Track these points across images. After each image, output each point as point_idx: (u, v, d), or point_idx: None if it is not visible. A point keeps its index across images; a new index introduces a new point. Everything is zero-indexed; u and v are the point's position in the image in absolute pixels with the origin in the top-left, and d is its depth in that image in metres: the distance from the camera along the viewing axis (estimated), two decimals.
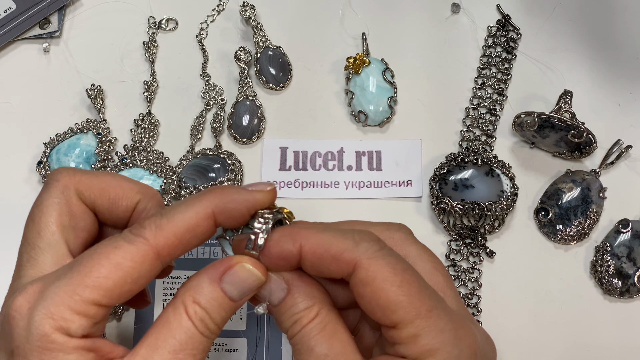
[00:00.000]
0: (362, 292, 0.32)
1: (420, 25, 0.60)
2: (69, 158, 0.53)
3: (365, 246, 0.33)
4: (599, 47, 0.59)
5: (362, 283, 0.32)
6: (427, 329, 0.32)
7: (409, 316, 0.32)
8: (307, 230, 0.34)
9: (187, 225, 0.32)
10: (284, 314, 0.33)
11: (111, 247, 0.32)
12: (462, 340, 0.33)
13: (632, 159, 0.54)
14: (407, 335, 0.32)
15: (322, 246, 0.33)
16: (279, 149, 0.55)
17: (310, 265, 0.33)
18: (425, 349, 0.32)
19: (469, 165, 0.53)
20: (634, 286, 0.50)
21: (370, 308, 0.33)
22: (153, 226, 0.32)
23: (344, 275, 0.33)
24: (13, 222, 0.53)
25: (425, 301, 0.32)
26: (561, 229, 0.51)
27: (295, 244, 0.33)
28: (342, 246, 0.33)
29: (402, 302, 0.32)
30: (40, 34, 0.58)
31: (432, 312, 0.32)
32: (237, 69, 0.57)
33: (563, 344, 0.49)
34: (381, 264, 0.33)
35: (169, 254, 0.32)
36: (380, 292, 0.32)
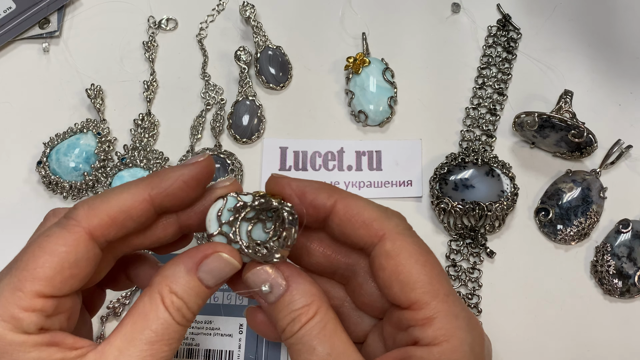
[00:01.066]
0: (385, 264, 0.33)
1: (420, 25, 0.60)
2: (69, 158, 0.53)
3: (396, 221, 0.34)
4: (599, 47, 0.59)
5: (386, 255, 0.33)
6: (444, 313, 0.32)
7: (427, 297, 0.32)
8: (344, 192, 0.34)
9: (121, 206, 0.32)
10: (282, 311, 0.33)
11: (44, 236, 0.31)
12: (474, 328, 0.33)
13: (632, 159, 0.54)
14: (422, 317, 0.32)
15: (355, 209, 0.33)
16: (279, 149, 0.55)
17: (338, 225, 0.34)
18: (440, 333, 0.32)
19: (469, 165, 0.53)
20: (634, 286, 0.49)
21: (389, 282, 0.33)
22: (86, 207, 0.32)
23: (367, 243, 0.33)
24: (13, 222, 0.53)
25: (444, 285, 0.33)
26: (561, 229, 0.51)
27: (331, 199, 0.34)
28: (375, 215, 0.33)
29: (422, 281, 0.32)
30: (40, 33, 0.58)
31: (448, 297, 0.33)
32: (237, 68, 0.57)
33: (563, 344, 0.49)
34: (408, 241, 0.33)
35: (102, 234, 0.32)
36: (403, 267, 0.32)
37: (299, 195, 0.34)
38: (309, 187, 0.34)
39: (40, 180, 0.53)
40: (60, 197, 0.53)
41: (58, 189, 0.53)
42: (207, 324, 0.48)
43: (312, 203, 0.34)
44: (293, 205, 0.34)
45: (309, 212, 0.34)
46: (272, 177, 0.35)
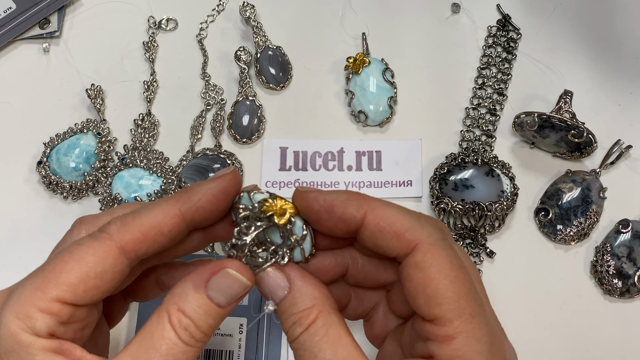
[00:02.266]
0: (413, 276, 0.32)
1: (420, 25, 0.60)
2: (69, 158, 0.53)
3: (430, 231, 0.32)
4: (599, 47, 0.59)
5: (416, 266, 0.32)
6: (465, 334, 0.31)
7: (451, 314, 0.31)
8: (374, 201, 0.33)
9: (152, 222, 0.32)
10: (284, 313, 0.33)
11: (76, 244, 0.31)
12: (494, 356, 0.32)
13: (632, 159, 0.54)
14: (443, 334, 0.31)
15: (387, 219, 0.32)
16: (279, 149, 0.55)
17: (369, 236, 0.33)
18: (457, 354, 0.31)
19: (469, 165, 0.53)
20: (634, 286, 0.49)
21: (415, 294, 0.32)
22: (118, 222, 0.32)
23: (399, 254, 0.32)
24: (13, 222, 0.53)
25: (471, 305, 0.32)
26: (561, 229, 0.51)
27: (360, 211, 0.32)
28: (407, 225, 0.32)
29: (449, 298, 0.31)
30: (40, 34, 0.58)
31: (474, 318, 0.31)
32: (237, 69, 0.57)
33: (563, 344, 0.49)
34: (441, 254, 0.32)
35: (134, 249, 0.32)
36: (431, 281, 0.31)
37: (327, 211, 0.33)
38: (337, 200, 0.33)
39: (41, 180, 0.53)
40: (60, 197, 0.53)
41: (58, 189, 0.53)
42: None
43: (342, 217, 0.33)
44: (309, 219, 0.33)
45: (339, 226, 0.33)
46: (296, 192, 0.34)
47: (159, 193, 0.50)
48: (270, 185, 0.53)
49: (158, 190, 0.50)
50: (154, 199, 0.50)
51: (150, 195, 0.50)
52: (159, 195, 0.50)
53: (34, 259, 0.51)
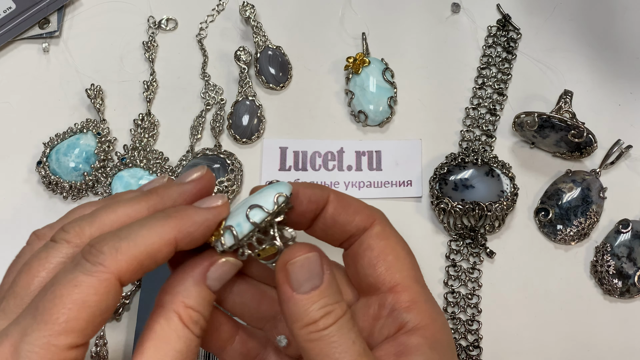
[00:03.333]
0: (374, 245, 0.35)
1: (420, 25, 0.60)
2: (69, 158, 0.53)
3: (381, 214, 0.36)
4: (599, 47, 0.59)
5: (377, 236, 0.35)
6: (425, 298, 0.34)
7: (410, 280, 0.34)
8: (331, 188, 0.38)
9: (149, 250, 0.31)
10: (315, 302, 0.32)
11: (71, 285, 0.29)
12: (443, 315, 0.36)
13: (632, 159, 0.54)
14: (407, 299, 0.34)
15: (347, 199, 0.36)
16: (278, 149, 0.55)
17: (332, 214, 0.35)
18: (426, 315, 0.34)
19: (469, 165, 0.53)
20: (634, 286, 0.49)
21: (375, 262, 0.35)
22: (113, 251, 0.30)
23: (360, 228, 0.35)
24: (13, 222, 0.53)
25: (420, 275, 0.36)
26: (561, 229, 0.51)
27: (325, 192, 0.36)
28: (363, 205, 0.36)
29: (407, 266, 0.35)
30: (40, 33, 0.58)
31: (424, 287, 0.35)
32: (237, 68, 0.57)
33: (563, 344, 0.49)
34: (394, 231, 0.36)
35: (129, 279, 0.30)
36: (392, 249, 0.35)
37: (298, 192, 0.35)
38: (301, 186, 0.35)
39: (40, 180, 0.53)
40: (60, 197, 0.53)
41: (58, 189, 0.53)
42: None
43: (310, 198, 0.35)
44: None
45: (309, 207, 0.35)
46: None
47: None
48: None
49: None
50: None
51: None
52: None
53: None
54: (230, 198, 0.52)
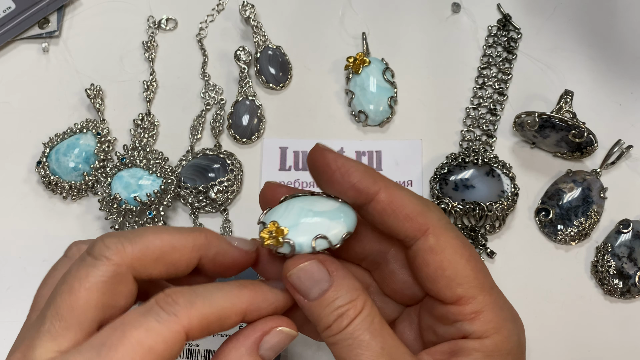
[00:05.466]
0: (429, 260, 0.32)
1: (420, 25, 0.60)
2: (68, 158, 0.53)
3: (439, 215, 0.33)
4: (599, 47, 0.58)
5: (431, 250, 0.32)
6: (491, 306, 0.32)
7: (474, 291, 0.32)
8: (389, 181, 0.33)
9: (220, 313, 0.31)
10: (326, 307, 0.32)
11: (143, 329, 0.29)
12: (518, 319, 0.34)
13: (632, 159, 0.54)
14: (470, 311, 0.32)
15: (400, 200, 0.32)
16: (278, 149, 0.55)
17: (379, 213, 0.33)
18: (490, 326, 0.32)
19: (470, 165, 0.52)
20: (634, 286, 0.49)
21: (434, 278, 0.33)
22: (188, 305, 0.30)
23: (409, 237, 0.33)
24: (12, 222, 0.53)
25: (487, 278, 0.33)
26: (562, 229, 0.51)
27: (375, 185, 0.32)
28: (418, 208, 0.33)
29: (468, 276, 0.32)
30: (40, 33, 0.58)
31: (493, 289, 0.33)
32: (237, 68, 0.57)
33: (563, 344, 0.49)
34: (451, 236, 0.33)
35: (194, 336, 0.30)
36: (449, 264, 0.32)
37: (342, 174, 0.33)
38: (354, 168, 0.32)
39: (40, 180, 0.53)
40: (59, 197, 0.53)
41: (58, 189, 0.53)
42: None
43: (356, 185, 0.32)
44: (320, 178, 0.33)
45: (349, 193, 0.33)
46: (317, 148, 0.33)
47: (158, 193, 0.50)
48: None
49: (158, 190, 0.50)
50: (154, 199, 0.50)
51: (149, 195, 0.50)
52: (159, 195, 0.50)
53: (33, 259, 0.51)
54: (230, 198, 0.52)
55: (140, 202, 0.49)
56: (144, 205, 0.50)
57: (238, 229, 0.52)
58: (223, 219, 0.52)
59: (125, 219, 0.50)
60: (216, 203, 0.52)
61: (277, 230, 0.33)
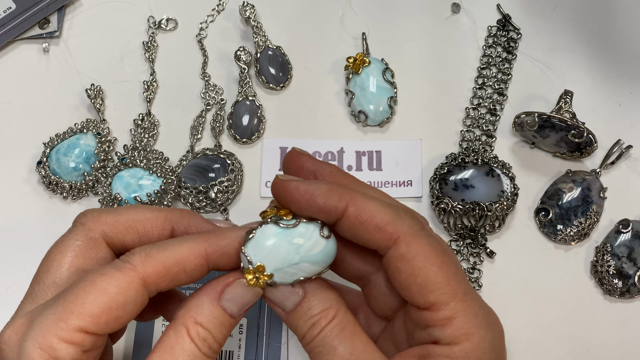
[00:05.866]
0: (401, 268, 0.33)
1: (420, 25, 0.60)
2: (69, 158, 0.53)
3: (410, 222, 0.33)
4: (599, 47, 0.58)
5: (402, 258, 0.33)
6: (463, 312, 0.32)
7: (446, 297, 0.32)
8: (355, 193, 0.33)
9: (177, 258, 0.32)
10: (300, 318, 0.33)
11: (98, 274, 0.31)
12: (494, 325, 0.34)
13: (632, 159, 0.54)
14: (442, 318, 0.32)
15: (368, 212, 0.33)
16: (279, 149, 0.55)
17: (350, 227, 0.33)
18: (461, 332, 0.32)
19: (469, 165, 0.53)
20: (634, 286, 0.49)
21: (406, 285, 0.33)
22: (143, 254, 0.32)
23: (381, 246, 0.33)
24: (12, 222, 0.53)
25: (461, 284, 0.33)
26: (561, 229, 0.51)
27: (342, 202, 0.33)
28: (388, 218, 0.33)
29: (440, 283, 0.32)
30: (40, 34, 0.58)
31: (467, 295, 0.33)
32: (237, 69, 0.57)
33: (563, 344, 0.49)
34: (423, 243, 0.33)
35: (155, 282, 0.32)
36: (420, 271, 0.32)
37: (307, 201, 0.33)
38: (318, 191, 0.33)
39: (40, 180, 0.53)
40: (60, 197, 0.53)
41: (58, 189, 0.53)
42: None
43: (323, 208, 0.33)
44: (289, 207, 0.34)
45: (320, 216, 0.33)
46: (277, 180, 0.34)
47: (158, 193, 0.50)
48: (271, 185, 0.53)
49: (158, 190, 0.50)
50: (154, 199, 0.50)
51: (150, 195, 0.50)
52: (159, 195, 0.50)
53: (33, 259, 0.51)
54: (230, 198, 0.52)
55: (141, 202, 0.49)
56: None
57: None
58: (223, 218, 0.52)
59: None
60: (216, 203, 0.52)
61: (262, 276, 0.33)
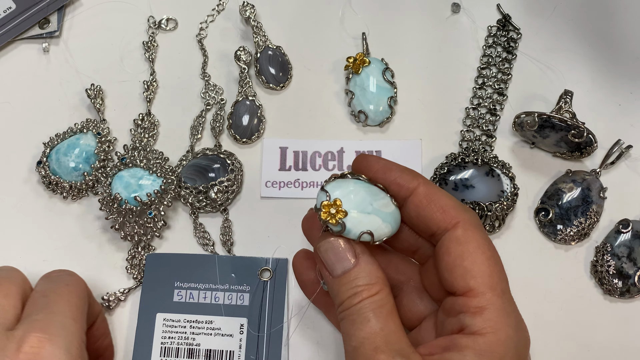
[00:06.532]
0: (452, 249, 0.35)
1: (420, 25, 0.60)
2: (69, 158, 0.53)
3: (471, 214, 0.36)
4: (599, 47, 0.58)
5: (456, 240, 0.35)
6: (496, 307, 0.34)
7: (484, 288, 0.34)
8: (426, 179, 0.37)
9: None
10: (344, 284, 0.34)
11: None
12: (522, 331, 0.35)
13: (632, 159, 0.54)
14: (475, 305, 0.34)
15: (436, 194, 0.36)
16: (279, 149, 0.55)
17: (416, 205, 0.36)
18: (489, 324, 0.33)
19: (469, 165, 0.53)
20: (634, 286, 0.49)
21: (451, 266, 0.35)
22: None
23: (440, 227, 0.35)
24: (12, 222, 0.53)
25: (502, 283, 0.35)
26: (561, 229, 0.51)
27: (414, 181, 0.36)
28: (452, 203, 0.36)
29: (484, 272, 0.34)
30: (40, 33, 0.58)
31: (505, 294, 0.34)
32: (237, 68, 0.57)
33: (563, 344, 0.49)
34: (479, 234, 0.35)
35: None
36: (469, 255, 0.34)
37: (384, 171, 0.36)
38: (394, 166, 0.37)
39: (40, 180, 0.53)
40: (60, 197, 0.53)
41: (58, 189, 0.53)
42: (207, 324, 0.48)
43: (396, 181, 0.36)
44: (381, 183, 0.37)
45: (392, 188, 0.36)
46: (360, 156, 0.38)
47: (158, 193, 0.50)
48: (271, 185, 0.53)
49: (158, 190, 0.50)
50: (154, 199, 0.50)
51: (150, 195, 0.50)
52: (159, 195, 0.50)
53: (33, 259, 0.51)
54: (230, 198, 0.52)
55: (141, 202, 0.49)
56: (144, 205, 0.50)
57: (238, 229, 0.52)
58: (223, 218, 0.52)
59: (125, 219, 0.50)
60: (216, 203, 0.52)
61: (338, 211, 0.35)
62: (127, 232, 0.51)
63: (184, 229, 0.52)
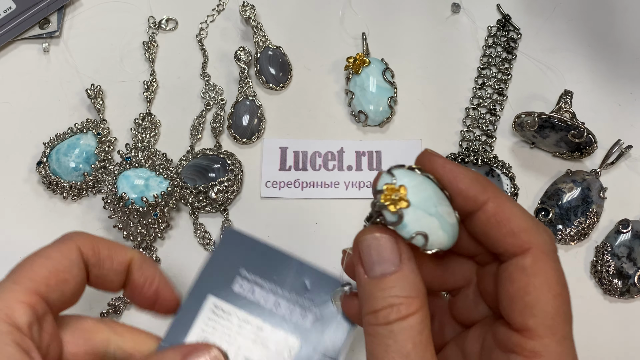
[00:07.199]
0: (516, 279, 0.30)
1: (420, 25, 0.60)
2: (69, 158, 0.53)
3: (545, 239, 0.31)
4: (599, 47, 0.59)
5: (523, 270, 0.30)
6: (553, 355, 0.30)
7: (544, 330, 0.30)
8: (498, 190, 0.31)
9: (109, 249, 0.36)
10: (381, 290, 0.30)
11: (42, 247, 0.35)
12: None
13: (632, 159, 0.54)
14: (530, 349, 0.30)
15: (507, 213, 0.31)
16: (279, 149, 0.55)
17: (483, 223, 0.31)
18: None
19: (469, 165, 0.53)
20: (634, 286, 0.49)
21: (512, 298, 0.30)
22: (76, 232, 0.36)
23: (507, 251, 0.31)
24: (13, 222, 0.53)
25: (566, 326, 0.30)
26: (561, 229, 0.51)
27: (484, 195, 0.31)
28: (525, 225, 0.31)
29: (547, 312, 0.30)
30: (40, 34, 0.58)
31: (565, 341, 0.30)
32: (237, 69, 0.57)
33: None
34: (550, 265, 0.31)
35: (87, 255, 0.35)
36: (534, 290, 0.30)
37: (450, 180, 0.31)
38: (463, 174, 0.31)
39: (40, 180, 0.53)
40: (60, 197, 0.53)
41: (58, 189, 0.53)
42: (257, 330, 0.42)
43: (463, 192, 0.31)
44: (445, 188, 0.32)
45: (457, 200, 0.31)
46: (426, 152, 0.32)
47: (165, 195, 0.50)
48: (271, 185, 0.53)
49: (165, 192, 0.50)
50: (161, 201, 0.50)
51: (157, 197, 0.50)
52: (165, 197, 0.50)
53: None
54: (230, 198, 0.52)
55: (148, 203, 0.49)
56: (151, 206, 0.50)
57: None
58: (223, 218, 0.52)
59: (129, 219, 0.50)
60: (216, 203, 0.52)
61: (401, 198, 0.30)
62: (130, 232, 0.50)
63: (184, 229, 0.52)
